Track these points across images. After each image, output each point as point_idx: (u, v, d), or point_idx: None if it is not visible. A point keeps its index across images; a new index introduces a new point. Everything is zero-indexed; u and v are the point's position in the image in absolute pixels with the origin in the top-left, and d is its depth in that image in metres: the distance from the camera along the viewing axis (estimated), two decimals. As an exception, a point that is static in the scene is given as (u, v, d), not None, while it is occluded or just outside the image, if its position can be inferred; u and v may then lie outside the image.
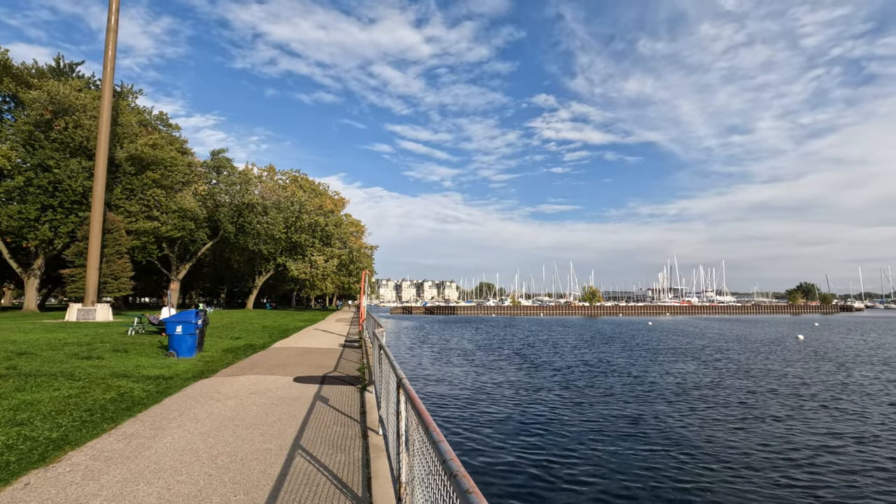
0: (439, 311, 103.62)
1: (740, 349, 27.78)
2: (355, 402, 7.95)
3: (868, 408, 12.74)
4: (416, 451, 2.66)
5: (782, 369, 19.71)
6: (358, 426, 6.40)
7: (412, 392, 2.83)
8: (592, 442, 9.61)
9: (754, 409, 12.63)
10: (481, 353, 25.22)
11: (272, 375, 10.32)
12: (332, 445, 5.47)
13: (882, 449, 9.28)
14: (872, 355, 24.80)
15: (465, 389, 15.04)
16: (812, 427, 10.83)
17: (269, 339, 18.50)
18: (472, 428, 10.49)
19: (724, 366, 20.69)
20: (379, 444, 5.58)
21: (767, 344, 31.28)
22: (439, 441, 1.82)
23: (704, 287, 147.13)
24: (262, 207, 48.83)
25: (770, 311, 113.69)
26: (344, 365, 12.32)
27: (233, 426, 6.19)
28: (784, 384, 16.23)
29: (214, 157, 47.81)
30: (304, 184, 60.27)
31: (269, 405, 7.44)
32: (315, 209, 55.28)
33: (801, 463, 8.50)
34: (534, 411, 12.15)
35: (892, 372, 19.10)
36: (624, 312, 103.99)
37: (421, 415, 2.30)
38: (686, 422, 11.26)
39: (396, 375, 3.62)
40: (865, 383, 16.40)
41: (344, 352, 15.30)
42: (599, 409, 12.41)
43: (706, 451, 9.08)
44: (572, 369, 19.51)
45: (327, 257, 53.51)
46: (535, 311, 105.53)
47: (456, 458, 1.62)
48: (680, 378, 17.44)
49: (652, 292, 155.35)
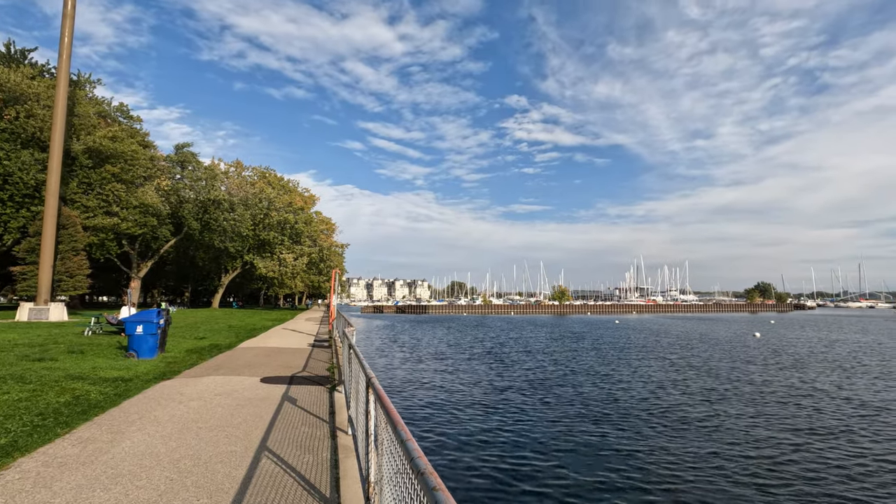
0: (411, 311, 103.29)
1: (703, 347, 28.81)
2: (324, 402, 7.86)
3: (821, 403, 13.43)
4: (385, 451, 2.66)
5: (742, 367, 20.56)
6: (327, 426, 6.32)
7: (381, 391, 2.82)
8: (559, 440, 9.78)
9: (715, 406, 13.12)
10: (452, 353, 25.31)
11: (238, 376, 10.08)
12: (300, 446, 5.39)
13: (838, 442, 9.81)
14: (824, 352, 26.17)
15: (436, 389, 15.07)
16: (769, 422, 11.35)
17: (236, 339, 18.06)
18: (441, 427, 10.53)
19: (688, 364, 21.40)
20: (348, 444, 5.54)
21: (727, 342, 32.55)
22: (407, 440, 1.82)
23: (669, 286, 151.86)
24: (228, 204, 47.54)
25: (730, 309, 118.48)
26: (313, 365, 12.15)
27: (196, 428, 6.02)
28: (743, 382, 16.92)
29: (179, 151, 46.22)
30: (273, 180, 59.02)
31: (235, 406, 7.27)
32: (284, 206, 54.22)
33: (762, 458, 8.90)
34: (502, 410, 12.28)
35: (843, 370, 20.17)
36: (592, 311, 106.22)
37: (389, 414, 2.30)
38: (651, 419, 11.60)
39: (366, 374, 3.60)
40: (818, 380, 17.28)
41: (313, 351, 15.08)
42: (567, 408, 12.64)
43: (668, 448, 9.38)
44: (542, 368, 19.80)
45: (297, 255, 52.56)
46: (505, 309, 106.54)
47: (424, 456, 1.63)
48: (645, 376, 17.94)
49: (619, 291, 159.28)
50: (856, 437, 10.02)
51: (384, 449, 2.69)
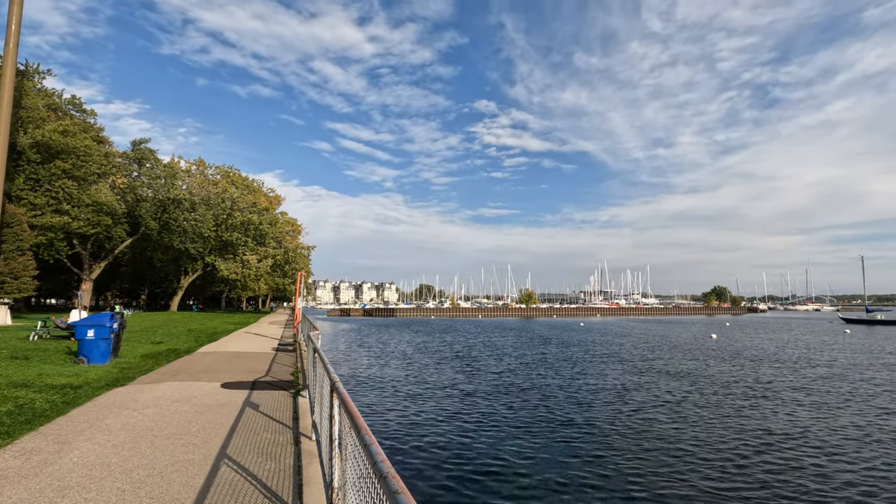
0: (378, 314, 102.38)
1: (664, 350, 29.79)
2: (288, 407, 7.69)
3: (775, 402, 14.11)
4: (349, 455, 2.63)
5: (701, 369, 21.37)
6: (290, 432, 6.20)
7: (345, 395, 2.79)
8: (524, 444, 9.89)
9: (678, 408, 13.57)
10: (419, 356, 25.25)
11: (197, 382, 9.74)
12: (262, 453, 5.26)
13: (792, 439, 10.32)
14: (776, 353, 27.51)
15: (402, 393, 14.99)
16: (726, 421, 11.83)
17: (195, 344, 17.45)
18: (408, 432, 10.48)
19: (651, 366, 22.07)
20: (312, 449, 5.44)
21: (687, 344, 33.77)
22: (371, 444, 1.81)
23: (631, 290, 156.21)
24: (189, 203, 45.93)
25: (688, 312, 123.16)
26: (277, 369, 11.87)
27: (151, 437, 5.78)
28: (702, 383, 17.59)
29: (136, 147, 44.35)
30: (236, 180, 57.43)
31: (194, 413, 7.03)
32: (248, 206, 52.82)
33: (721, 456, 9.26)
34: (469, 414, 12.34)
35: (795, 370, 21.25)
36: (558, 314, 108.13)
37: (353, 418, 2.28)
38: (615, 422, 11.89)
39: (330, 379, 3.56)
40: (770, 380, 18.16)
41: (277, 356, 14.74)
42: (532, 412, 12.81)
43: (629, 449, 9.64)
44: (508, 372, 19.99)
45: (261, 257, 51.28)
46: (473, 312, 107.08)
47: (387, 459, 1.63)
48: (610, 379, 18.38)
49: (584, 294, 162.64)
50: (809, 433, 10.57)
51: (348, 454, 2.67)
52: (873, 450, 9.42)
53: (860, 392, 15.35)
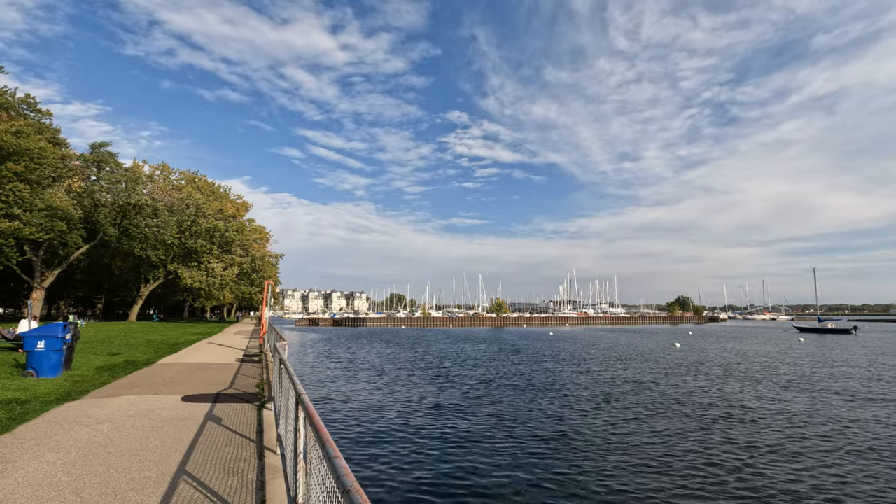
0: (348, 323, 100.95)
1: (631, 358, 30.46)
2: (252, 420, 7.48)
3: (735, 410, 14.59)
4: (314, 469, 2.59)
5: (664, 377, 21.94)
6: (254, 446, 6.03)
7: (311, 408, 2.75)
8: (494, 457, 9.91)
9: (642, 418, 13.85)
10: (389, 368, 25.02)
11: (156, 395, 9.37)
12: (224, 468, 5.09)
13: (754, 445, 10.68)
14: (735, 362, 28.54)
15: (370, 406, 14.80)
16: (687, 428, 12.16)
17: (155, 355, 16.79)
18: (375, 445, 10.33)
19: (620, 376, 22.52)
20: (276, 464, 5.31)
21: (652, 353, 34.63)
22: (335, 457, 1.80)
23: (599, 299, 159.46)
24: (151, 209, 44.34)
25: (654, 321, 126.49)
26: (241, 381, 11.54)
27: (105, 454, 5.52)
28: (666, 391, 18.05)
29: (95, 150, 42.60)
30: (202, 185, 55.92)
31: (152, 428, 6.75)
32: (214, 213, 51.42)
33: (686, 462, 9.50)
34: (438, 427, 12.28)
35: (756, 380, 22.06)
36: (528, 323, 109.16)
37: (318, 430, 2.25)
38: (583, 434, 12.05)
39: (296, 391, 3.49)
40: (731, 389, 18.80)
41: (242, 367, 14.33)
42: (502, 424, 12.84)
43: (600, 462, 9.79)
44: (479, 384, 20.01)
45: (226, 265, 49.89)
46: (444, 322, 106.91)
47: (351, 473, 1.62)
48: (577, 390, 18.63)
49: (553, 304, 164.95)
50: (770, 441, 10.98)
51: (313, 468, 2.62)
52: (834, 456, 9.87)
53: (820, 401, 16.07)
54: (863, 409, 14.38)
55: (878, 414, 13.66)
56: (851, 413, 13.74)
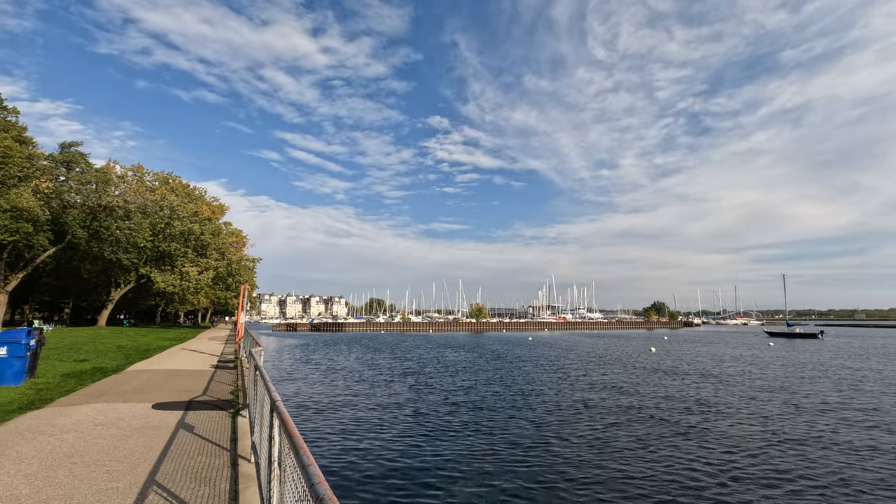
0: (326, 328, 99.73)
1: (609, 361, 30.88)
2: (226, 428, 7.33)
3: (708, 413, 14.92)
4: (288, 478, 2.56)
5: (641, 381, 22.30)
6: (227, 454, 5.90)
7: (286, 415, 2.72)
8: (473, 465, 9.90)
9: (620, 423, 14.04)
10: (369, 373, 24.84)
11: (126, 403, 9.09)
12: (196, 478, 4.97)
13: (725, 449, 10.92)
14: (708, 366, 29.20)
15: (348, 414, 14.65)
16: (663, 430, 12.38)
17: (125, 361, 16.30)
18: (353, 453, 10.22)
19: (596, 380, 22.80)
20: (250, 472, 5.21)
21: (628, 358, 35.18)
22: (309, 465, 1.78)
23: (578, 304, 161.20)
24: (123, 211, 43.13)
25: (630, 326, 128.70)
26: (215, 388, 11.29)
27: (70, 465, 5.33)
28: (641, 396, 18.35)
29: (64, 150, 41.28)
30: (177, 187, 54.71)
31: (120, 437, 6.55)
32: (189, 215, 50.31)
33: (660, 468, 9.66)
34: (418, 435, 12.22)
35: (725, 383, 22.60)
36: (508, 328, 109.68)
37: (293, 438, 2.23)
38: (564, 441, 12.15)
39: (271, 398, 3.44)
40: (703, 392, 19.21)
41: (216, 373, 14.03)
42: (481, 431, 12.85)
43: (577, 465, 9.88)
44: (458, 391, 20.00)
45: (201, 269, 48.82)
46: (424, 327, 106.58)
47: (325, 481, 1.60)
48: (556, 396, 18.79)
49: (532, 309, 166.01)
50: (742, 442, 11.25)
51: (287, 476, 2.59)
52: (802, 456, 10.17)
53: (790, 403, 16.56)
54: (831, 411, 14.88)
55: (846, 416, 14.15)
56: (818, 417, 14.20)
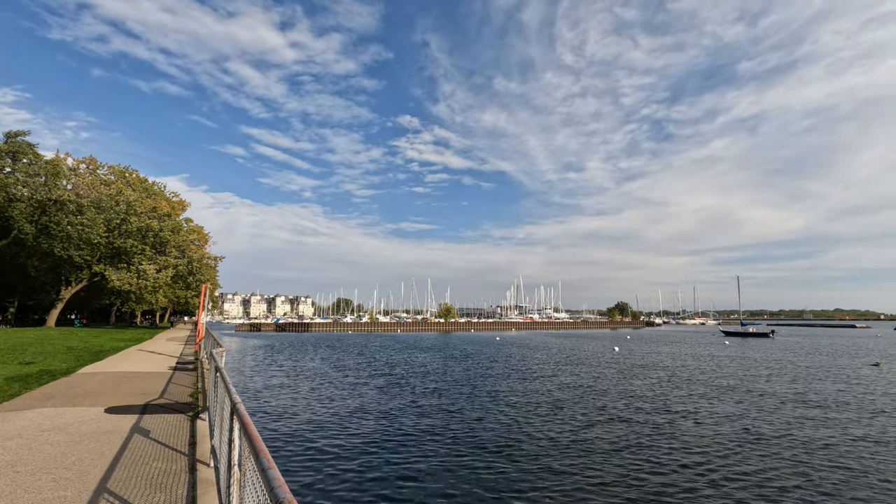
0: (292, 329, 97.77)
1: (575, 360, 31.51)
2: (184, 432, 7.08)
3: (666, 409, 15.42)
4: (248, 482, 2.49)
5: (604, 379, 22.85)
6: (185, 459, 5.70)
7: (246, 417, 2.65)
8: (436, 470, 9.90)
9: (593, 420, 14.34)
10: (335, 375, 24.52)
11: (76, 407, 8.66)
12: (151, 484, 4.78)
13: (683, 445, 11.29)
14: (665, 364, 30.19)
15: (313, 416, 14.41)
16: (629, 431, 12.73)
17: (76, 364, 15.53)
18: (316, 456, 10.05)
19: (563, 380, 23.22)
20: (209, 477, 5.05)
21: (592, 358, 36.00)
22: (269, 468, 1.74)
23: (544, 304, 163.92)
24: (75, 206, 41.06)
25: (595, 326, 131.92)
26: (173, 391, 10.90)
27: (13, 473, 5.03)
28: (605, 394, 18.81)
29: (10, 139, 38.95)
30: (134, 182, 52.44)
31: (69, 443, 6.23)
32: (147, 211, 48.34)
33: (625, 467, 9.91)
34: (381, 437, 12.15)
35: (684, 381, 23.40)
36: (476, 328, 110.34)
37: (253, 441, 2.17)
38: (530, 437, 12.31)
39: (231, 400, 3.35)
40: (659, 389, 19.85)
41: (174, 375, 13.54)
42: (447, 434, 12.88)
43: (544, 466, 10.03)
44: (426, 394, 19.99)
45: (160, 267, 46.98)
46: (392, 327, 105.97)
47: (285, 485, 1.58)
48: (523, 395, 19.02)
49: (501, 309, 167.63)
50: (700, 438, 11.68)
51: (247, 480, 2.52)
52: (758, 450, 10.65)
53: (744, 399, 17.31)
54: (783, 405, 15.67)
55: (800, 412, 14.93)
56: (772, 412, 14.93)
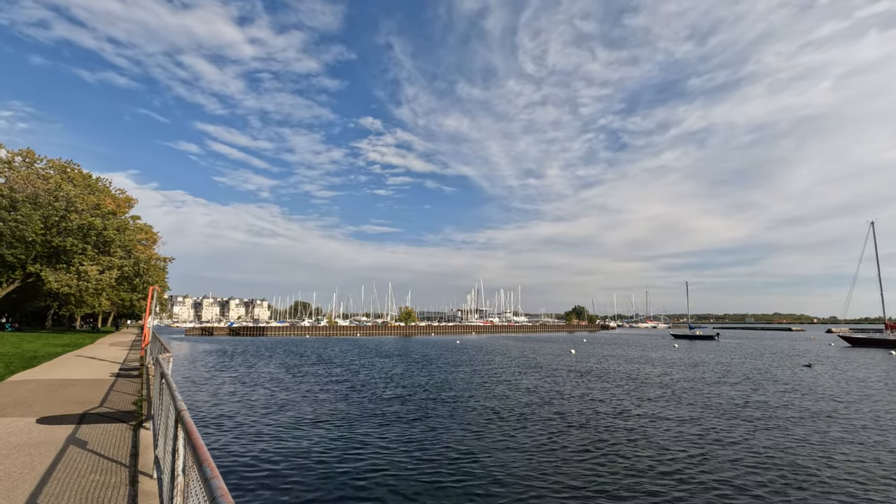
0: (247, 333, 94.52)
1: (532, 366, 32.03)
2: (126, 442, 6.71)
3: (616, 411, 15.90)
4: (192, 492, 2.39)
5: (560, 382, 23.36)
6: (126, 471, 5.40)
7: (191, 425, 2.55)
8: (389, 477, 9.83)
9: (541, 427, 14.57)
10: (291, 381, 23.93)
11: (4, 418, 8.06)
12: (87, 499, 4.50)
13: (638, 443, 11.66)
14: (624, 367, 31.19)
15: (267, 426, 13.99)
16: (583, 437, 13.04)
17: (5, 371, 14.43)
18: (267, 467, 9.74)
19: (521, 384, 23.54)
20: (152, 489, 4.81)
21: (549, 362, 36.73)
22: (212, 477, 1.68)
23: (504, 308, 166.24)
24: (9, 201, 38.26)
25: (553, 329, 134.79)
26: (115, 398, 10.32)
27: (-73, 491, 4.61)
28: (563, 399, 19.22)
29: (-66, 128, 35.88)
30: (76, 177, 49.37)
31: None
32: (90, 208, 45.62)
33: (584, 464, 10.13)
34: (336, 447, 11.96)
35: (635, 383, 24.21)
36: (436, 332, 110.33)
37: (197, 450, 2.09)
38: (487, 446, 12.39)
39: (176, 407, 3.21)
40: (620, 392, 20.49)
41: (117, 382, 12.83)
42: (407, 443, 12.81)
43: (498, 474, 10.12)
44: (383, 400, 19.82)
45: (103, 268, 44.39)
46: (352, 331, 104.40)
47: (228, 494, 1.52)
48: (482, 401, 19.16)
49: (461, 313, 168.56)
50: (653, 439, 12.10)
51: (191, 491, 2.42)
52: (706, 445, 11.14)
53: (693, 402, 18.09)
54: (724, 404, 16.51)
55: (739, 411, 15.77)
56: (715, 412, 15.70)
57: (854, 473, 9.27)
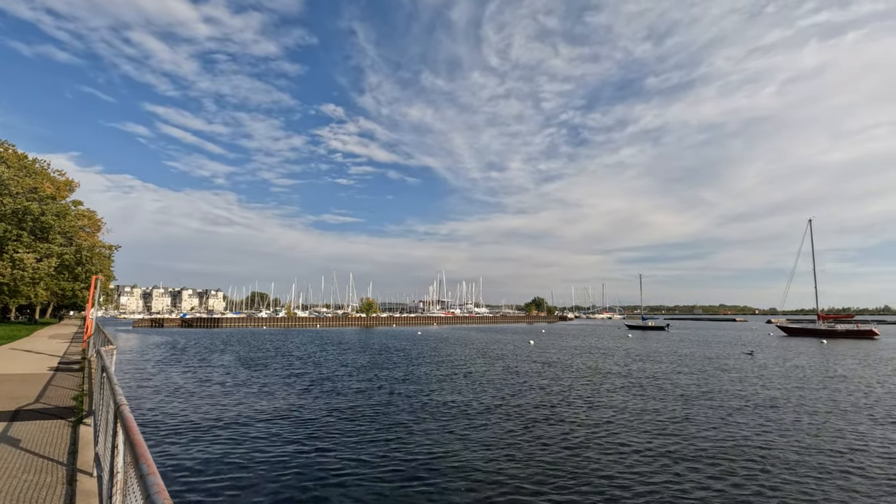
0: (200, 324, 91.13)
1: (493, 357, 32.49)
2: (64, 439, 6.33)
3: (571, 402, 16.36)
4: (131, 489, 2.27)
5: (518, 373, 23.81)
6: (63, 470, 5.10)
7: (131, 421, 2.41)
8: (343, 475, 9.75)
9: (499, 417, 14.80)
10: (244, 374, 23.31)
11: (-77, 416, 7.42)
12: (18, 501, 4.21)
13: (596, 432, 12.01)
14: (580, 358, 32.09)
15: (217, 422, 13.56)
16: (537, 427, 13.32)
17: (-73, 366, 13.30)
18: (210, 467, 9.41)
19: (480, 375, 23.81)
20: (91, 488, 4.56)
21: (509, 352, 37.38)
22: (149, 474, 1.59)
23: (466, 300, 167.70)
24: (-69, 182, 35.15)
25: (513, 320, 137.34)
26: (53, 394, 9.72)
27: None
28: (522, 389, 19.58)
29: None
30: (9, 158, 45.89)
31: (-89, 459, 5.31)
32: (26, 192, 42.60)
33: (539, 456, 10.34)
34: (290, 441, 11.76)
35: (593, 372, 24.95)
36: (398, 323, 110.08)
37: (135, 446, 1.98)
38: (451, 440, 12.47)
39: (115, 402, 3.04)
40: (570, 382, 21.05)
41: (56, 377, 12.08)
42: (360, 441, 12.74)
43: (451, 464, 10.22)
44: (341, 394, 19.62)
45: (41, 256, 41.64)
46: (311, 322, 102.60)
47: (164, 491, 1.44)
48: (440, 394, 19.27)
49: (423, 304, 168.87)
50: (606, 426, 12.51)
51: (129, 488, 2.30)
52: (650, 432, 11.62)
53: (641, 385, 18.83)
54: (672, 390, 17.31)
55: (681, 394, 16.56)
56: (664, 396, 16.44)
57: (800, 452, 9.94)
